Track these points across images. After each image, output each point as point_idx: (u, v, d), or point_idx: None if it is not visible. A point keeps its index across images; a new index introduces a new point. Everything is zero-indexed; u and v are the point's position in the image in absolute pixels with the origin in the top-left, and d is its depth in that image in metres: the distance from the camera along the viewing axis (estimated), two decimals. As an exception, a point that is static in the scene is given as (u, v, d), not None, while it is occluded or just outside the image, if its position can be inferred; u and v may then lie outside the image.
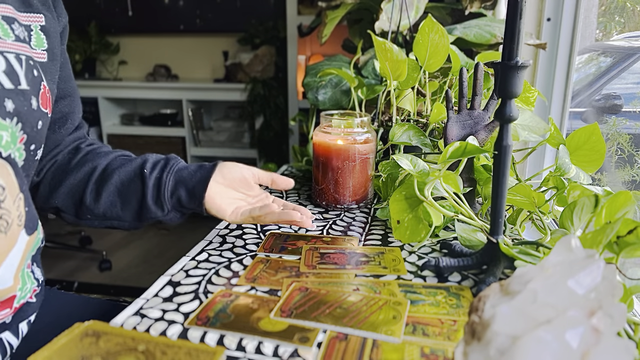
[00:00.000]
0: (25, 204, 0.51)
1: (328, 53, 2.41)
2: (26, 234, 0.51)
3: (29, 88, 0.49)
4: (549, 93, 1.04)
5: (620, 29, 1.12)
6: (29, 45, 0.52)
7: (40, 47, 0.55)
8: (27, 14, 0.54)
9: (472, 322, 0.30)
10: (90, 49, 2.84)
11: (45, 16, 0.56)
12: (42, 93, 0.52)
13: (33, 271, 0.58)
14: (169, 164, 0.63)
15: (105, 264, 2.26)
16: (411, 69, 0.78)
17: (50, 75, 0.56)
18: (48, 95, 0.54)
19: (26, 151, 0.51)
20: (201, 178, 0.61)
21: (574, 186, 0.58)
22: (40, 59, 0.54)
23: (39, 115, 0.51)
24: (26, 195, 0.52)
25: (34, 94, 0.50)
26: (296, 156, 1.04)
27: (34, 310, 0.57)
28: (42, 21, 0.55)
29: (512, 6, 0.44)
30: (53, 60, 0.57)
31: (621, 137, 0.98)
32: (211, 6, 2.75)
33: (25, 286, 0.54)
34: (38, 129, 0.52)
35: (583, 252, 0.31)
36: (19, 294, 0.52)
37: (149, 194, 0.61)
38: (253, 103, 2.51)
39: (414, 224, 0.59)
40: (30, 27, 0.54)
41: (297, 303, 0.47)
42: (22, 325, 0.55)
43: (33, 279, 0.57)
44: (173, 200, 0.62)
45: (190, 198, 0.62)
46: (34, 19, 0.54)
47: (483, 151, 0.55)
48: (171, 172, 0.62)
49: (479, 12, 1.04)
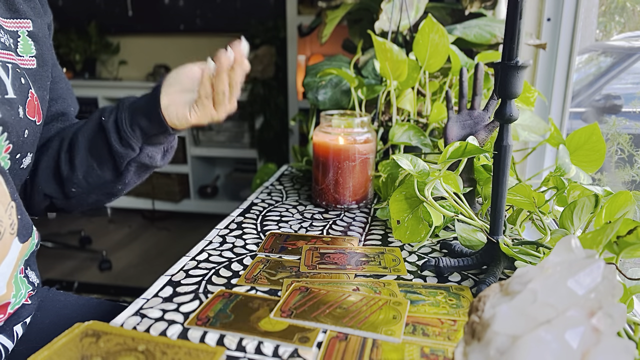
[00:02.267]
0: (18, 212, 0.51)
1: (328, 53, 2.41)
2: (19, 241, 0.51)
3: (16, 97, 0.49)
4: (549, 93, 1.04)
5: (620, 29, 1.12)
6: (15, 53, 0.51)
7: (28, 53, 0.54)
8: (13, 20, 0.53)
9: (472, 322, 0.30)
10: (90, 49, 2.84)
11: (33, 21, 0.55)
12: (30, 101, 0.51)
13: (27, 275, 0.57)
14: (121, 103, 0.61)
15: (105, 264, 2.26)
16: (411, 69, 0.78)
17: (40, 82, 0.55)
18: (36, 103, 0.53)
19: (11, 160, 0.50)
20: (151, 97, 0.60)
21: (574, 186, 0.58)
22: (28, 66, 0.53)
23: (25, 124, 0.51)
24: (18, 203, 0.51)
25: (21, 102, 0.50)
26: (296, 156, 1.04)
27: (30, 312, 0.57)
28: (29, 26, 0.54)
29: (512, 6, 0.44)
30: (43, 66, 0.56)
31: (621, 137, 0.98)
32: (211, 6, 2.75)
33: (20, 292, 0.54)
34: (24, 138, 0.51)
35: (583, 252, 0.31)
36: (13, 301, 0.52)
37: (112, 139, 0.59)
38: (253, 103, 2.51)
39: (414, 224, 0.59)
40: (17, 33, 0.53)
41: (297, 303, 0.47)
42: (16, 328, 0.55)
43: (27, 284, 0.57)
44: (136, 133, 0.60)
45: (150, 122, 0.60)
46: (20, 24, 0.53)
47: (483, 151, 0.55)
48: (124, 108, 0.60)
49: (479, 12, 1.03)
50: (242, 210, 0.75)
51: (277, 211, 0.75)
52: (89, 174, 0.62)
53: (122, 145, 0.60)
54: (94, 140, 0.61)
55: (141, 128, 0.60)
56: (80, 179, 0.61)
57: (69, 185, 0.62)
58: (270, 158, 2.58)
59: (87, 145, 0.61)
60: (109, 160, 0.61)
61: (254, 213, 0.74)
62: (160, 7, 2.80)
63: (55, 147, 0.63)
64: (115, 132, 0.60)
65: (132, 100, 0.62)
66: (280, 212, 0.74)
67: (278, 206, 0.77)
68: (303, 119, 1.13)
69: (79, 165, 0.61)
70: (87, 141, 0.61)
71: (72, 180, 0.61)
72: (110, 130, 0.60)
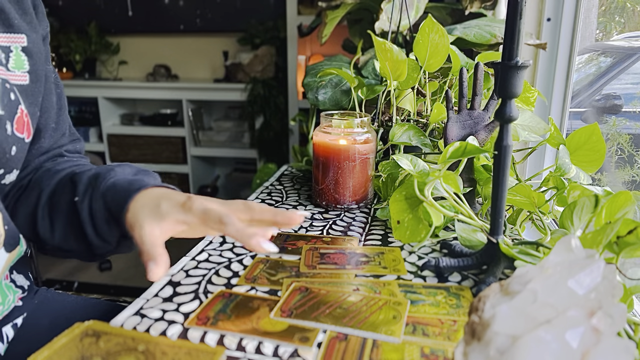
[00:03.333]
0: (5, 222, 0.50)
1: (328, 53, 2.41)
2: (5, 251, 0.50)
3: (4, 113, 0.47)
4: (549, 93, 1.04)
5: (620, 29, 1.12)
6: (5, 68, 0.50)
7: (20, 69, 0.52)
8: (6, 35, 0.51)
9: (472, 322, 0.30)
10: (90, 49, 2.83)
11: (28, 36, 0.53)
12: (19, 117, 0.50)
13: (14, 280, 0.56)
14: (96, 183, 0.52)
15: (105, 264, 2.25)
16: (411, 69, 0.78)
17: (32, 98, 0.53)
18: (26, 119, 0.51)
19: None
20: (124, 197, 0.49)
21: (574, 186, 0.58)
22: (19, 82, 0.52)
23: (13, 141, 0.49)
24: (4, 214, 0.50)
25: (9, 118, 0.48)
26: (296, 156, 1.04)
27: (21, 313, 0.57)
28: (23, 42, 0.53)
29: (512, 6, 0.44)
30: (36, 82, 0.54)
31: (621, 137, 0.98)
32: (211, 6, 2.75)
33: (7, 299, 0.53)
34: (11, 155, 0.49)
35: (583, 252, 0.31)
36: (0, 308, 0.52)
37: (87, 230, 0.51)
38: (253, 103, 2.51)
39: (414, 224, 0.59)
40: (10, 48, 0.51)
41: (297, 303, 0.47)
42: (5, 329, 0.54)
43: (15, 288, 0.55)
44: (112, 230, 0.51)
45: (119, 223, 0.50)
46: (14, 39, 0.52)
47: (483, 151, 0.55)
48: (97, 196, 0.51)
49: (479, 12, 1.03)
50: (242, 210, 0.75)
51: (277, 211, 0.75)
52: (65, 243, 0.54)
53: (97, 237, 0.52)
54: (69, 218, 0.53)
55: (118, 224, 0.50)
56: (55, 243, 0.54)
57: (46, 246, 0.56)
58: (270, 158, 2.58)
59: (64, 220, 0.53)
60: (85, 245, 0.53)
61: (254, 213, 0.74)
62: (160, 7, 2.80)
63: (34, 196, 0.55)
64: (90, 224, 0.51)
65: (109, 182, 0.51)
66: (280, 212, 0.74)
67: (278, 206, 0.77)
68: (303, 119, 1.13)
69: (57, 232, 0.54)
70: (64, 216, 0.53)
71: (47, 242, 0.55)
72: (85, 221, 0.51)
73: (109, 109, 2.78)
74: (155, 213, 0.45)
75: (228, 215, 0.43)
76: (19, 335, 0.56)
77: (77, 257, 0.57)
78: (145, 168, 0.57)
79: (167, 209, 0.45)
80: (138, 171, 0.56)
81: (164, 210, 0.45)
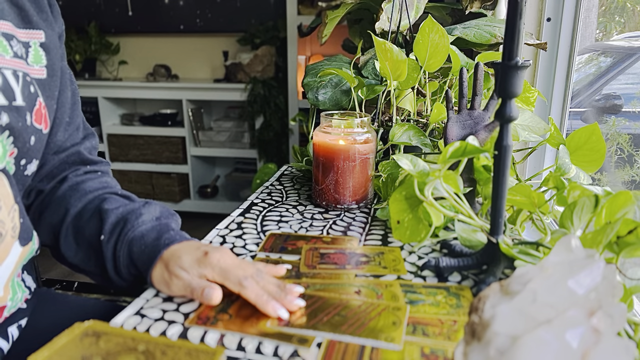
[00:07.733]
0: (20, 215, 0.51)
1: (328, 53, 2.41)
2: (20, 245, 0.51)
3: (25, 104, 0.49)
4: (549, 93, 1.04)
5: (620, 29, 1.12)
6: (26, 62, 0.52)
7: (38, 63, 0.54)
8: (26, 31, 0.53)
9: (472, 322, 0.30)
10: (90, 49, 2.83)
11: (45, 32, 0.55)
12: (37, 109, 0.52)
13: (24, 279, 0.57)
14: (124, 228, 0.55)
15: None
16: (411, 69, 0.78)
17: (49, 92, 0.56)
18: (44, 112, 0.54)
19: (16, 165, 0.51)
20: (152, 250, 0.53)
21: (574, 186, 0.58)
22: (38, 76, 0.54)
23: (32, 131, 0.51)
24: (21, 206, 0.52)
25: (29, 109, 0.50)
26: (296, 156, 1.04)
27: (25, 315, 0.57)
28: (41, 37, 0.55)
29: (512, 6, 0.44)
30: (53, 77, 0.56)
31: (621, 137, 0.98)
32: (211, 6, 2.75)
33: (16, 295, 0.54)
34: (30, 145, 0.51)
35: (583, 252, 0.31)
36: (9, 304, 0.52)
37: (108, 267, 0.56)
38: (253, 103, 2.51)
39: (414, 224, 0.59)
40: (29, 44, 0.53)
41: (295, 311, 0.46)
42: (11, 329, 0.55)
43: (24, 287, 0.57)
44: (131, 272, 0.55)
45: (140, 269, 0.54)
46: (33, 35, 0.54)
47: (483, 151, 0.55)
48: (124, 241, 0.55)
49: (479, 12, 1.03)
50: (242, 210, 0.75)
51: (277, 211, 0.75)
52: (85, 264, 0.58)
53: (116, 275, 0.56)
54: (93, 248, 0.57)
55: (138, 271, 0.55)
56: (74, 261, 0.59)
57: (65, 260, 0.59)
58: (270, 158, 2.58)
59: (87, 247, 0.57)
60: (103, 273, 0.57)
61: (254, 213, 0.74)
62: (160, 7, 2.80)
63: (59, 217, 0.59)
64: (112, 263, 0.56)
65: (136, 232, 0.55)
66: (280, 212, 0.74)
67: (278, 206, 0.77)
68: (303, 119, 1.13)
69: (79, 254, 0.58)
70: (88, 245, 0.57)
71: (67, 259, 0.59)
72: (108, 259, 0.55)
73: (109, 109, 2.78)
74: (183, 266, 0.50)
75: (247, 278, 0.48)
76: (19, 335, 0.56)
77: (92, 279, 0.60)
78: (168, 208, 0.61)
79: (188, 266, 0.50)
80: (161, 213, 0.59)
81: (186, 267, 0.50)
